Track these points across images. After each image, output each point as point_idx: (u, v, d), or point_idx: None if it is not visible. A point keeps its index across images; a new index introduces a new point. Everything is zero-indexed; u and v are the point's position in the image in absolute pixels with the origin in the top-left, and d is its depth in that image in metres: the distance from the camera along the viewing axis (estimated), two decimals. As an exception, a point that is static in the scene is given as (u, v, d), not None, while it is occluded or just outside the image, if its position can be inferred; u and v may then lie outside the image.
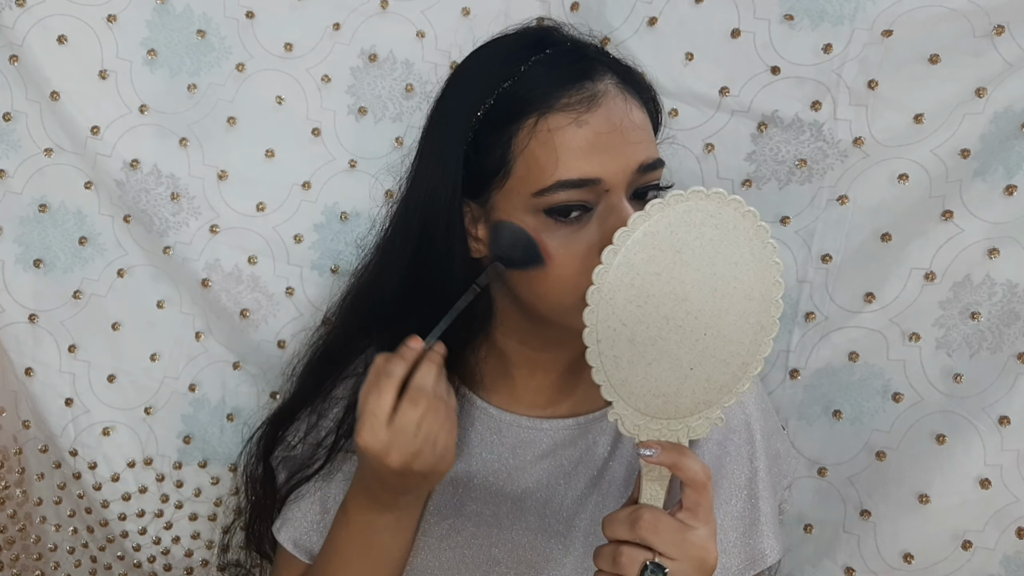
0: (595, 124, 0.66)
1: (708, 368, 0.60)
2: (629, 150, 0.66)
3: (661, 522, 0.58)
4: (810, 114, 0.89)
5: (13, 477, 1.00)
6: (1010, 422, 0.86)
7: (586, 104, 0.66)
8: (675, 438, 0.61)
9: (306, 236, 0.97)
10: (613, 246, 0.58)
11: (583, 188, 0.66)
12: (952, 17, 0.84)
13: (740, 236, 0.59)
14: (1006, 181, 0.85)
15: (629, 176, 0.66)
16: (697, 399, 0.61)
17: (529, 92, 0.67)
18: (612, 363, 0.59)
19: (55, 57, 0.89)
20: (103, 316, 0.96)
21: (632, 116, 0.68)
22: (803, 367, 0.93)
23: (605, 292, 0.59)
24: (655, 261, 0.58)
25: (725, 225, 0.59)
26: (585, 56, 0.70)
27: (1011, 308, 0.86)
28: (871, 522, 0.91)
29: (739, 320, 0.60)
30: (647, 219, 0.58)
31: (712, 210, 0.58)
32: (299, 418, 0.83)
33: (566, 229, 0.66)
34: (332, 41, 0.95)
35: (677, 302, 0.59)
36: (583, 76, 0.68)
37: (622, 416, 0.61)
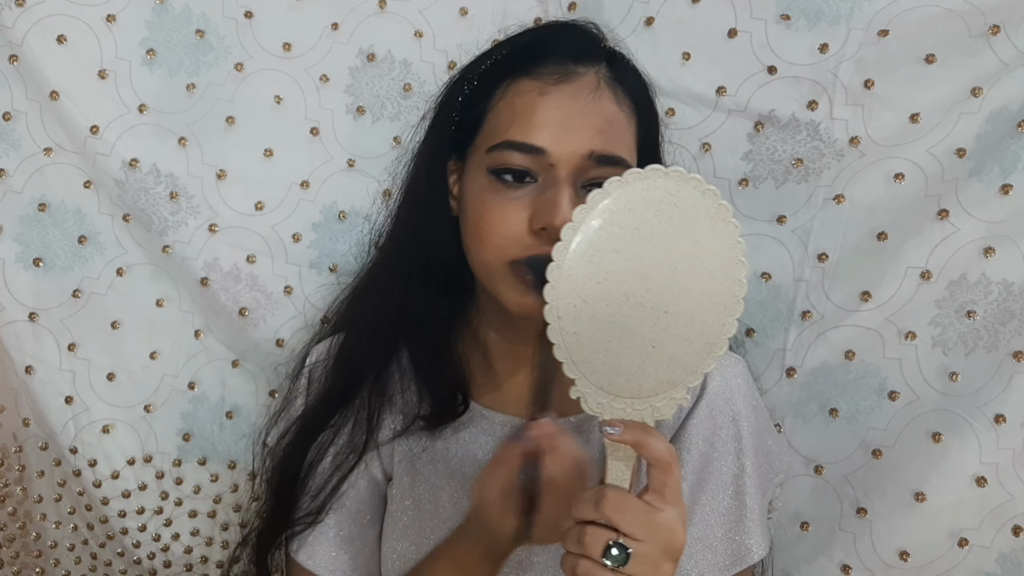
0: (557, 98, 0.68)
1: (671, 346, 0.60)
2: (585, 134, 0.67)
3: (626, 502, 0.58)
4: (806, 113, 0.89)
5: (13, 475, 1.01)
6: (1006, 420, 0.86)
7: (557, 78, 0.68)
8: (640, 418, 0.61)
9: (304, 235, 0.98)
10: (572, 223, 0.59)
11: (527, 154, 0.67)
12: (948, 17, 0.84)
13: (701, 215, 0.59)
14: (1002, 180, 0.85)
15: (577, 160, 0.67)
16: (661, 378, 0.60)
17: (519, 56, 0.71)
18: (574, 340, 0.60)
19: (55, 57, 0.90)
20: (103, 314, 0.97)
21: (602, 105, 0.68)
22: (799, 365, 0.93)
23: (565, 269, 0.59)
24: (614, 238, 0.59)
25: (685, 203, 0.59)
26: (585, 44, 0.72)
27: (1007, 307, 0.87)
28: (867, 520, 0.91)
29: (702, 299, 0.60)
30: (606, 196, 0.59)
31: (672, 188, 0.59)
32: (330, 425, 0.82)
33: (506, 193, 0.69)
34: (330, 41, 0.95)
35: (637, 279, 0.59)
36: (569, 56, 0.70)
37: (585, 394, 0.61)
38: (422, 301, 0.78)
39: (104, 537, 1.03)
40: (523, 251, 0.69)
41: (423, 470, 0.80)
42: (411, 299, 0.78)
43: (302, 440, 0.82)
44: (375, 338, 0.82)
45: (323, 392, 0.84)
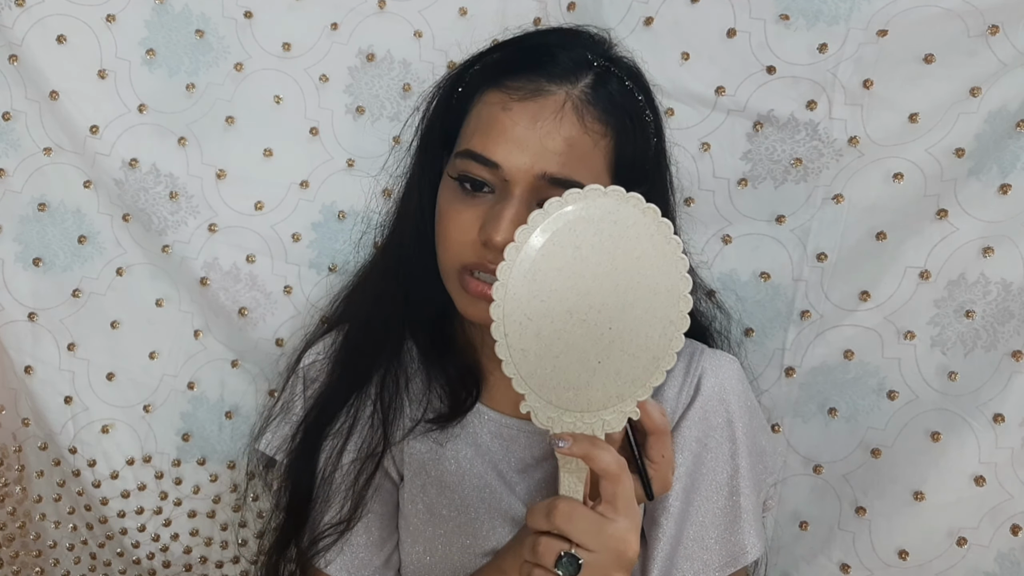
0: (519, 115, 0.68)
1: (616, 361, 0.61)
2: (540, 155, 0.68)
3: (576, 512, 0.60)
4: (805, 113, 0.89)
5: (13, 474, 1.01)
6: (1004, 420, 0.86)
7: (522, 94, 0.69)
8: (590, 431, 0.62)
9: (304, 235, 0.98)
10: (515, 243, 0.60)
11: (482, 166, 0.69)
12: (947, 17, 0.85)
13: (641, 232, 0.60)
14: (1000, 180, 0.86)
15: (531, 179, 0.68)
16: (608, 392, 0.62)
17: (497, 65, 0.72)
18: (520, 356, 0.61)
19: (54, 57, 0.90)
20: (102, 314, 0.97)
21: (562, 128, 0.68)
22: (798, 365, 0.93)
23: (510, 288, 0.60)
24: (555, 256, 0.60)
25: (624, 221, 0.60)
26: (566, 60, 0.71)
27: (1005, 306, 0.87)
28: (866, 519, 0.91)
29: (646, 314, 0.61)
30: (545, 216, 0.60)
31: (611, 207, 0.60)
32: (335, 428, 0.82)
33: (465, 199, 0.71)
34: (330, 41, 0.96)
35: (579, 296, 0.61)
36: (543, 72, 0.70)
37: (535, 408, 0.62)
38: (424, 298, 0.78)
39: (103, 537, 1.03)
40: (472, 258, 0.71)
41: (432, 472, 0.80)
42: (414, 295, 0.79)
43: (309, 445, 0.82)
44: (382, 333, 0.82)
45: (327, 392, 0.83)
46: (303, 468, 0.82)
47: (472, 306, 0.72)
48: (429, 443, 0.80)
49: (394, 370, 0.82)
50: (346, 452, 0.80)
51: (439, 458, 0.80)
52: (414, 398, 0.81)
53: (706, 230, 0.94)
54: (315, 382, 0.85)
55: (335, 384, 0.83)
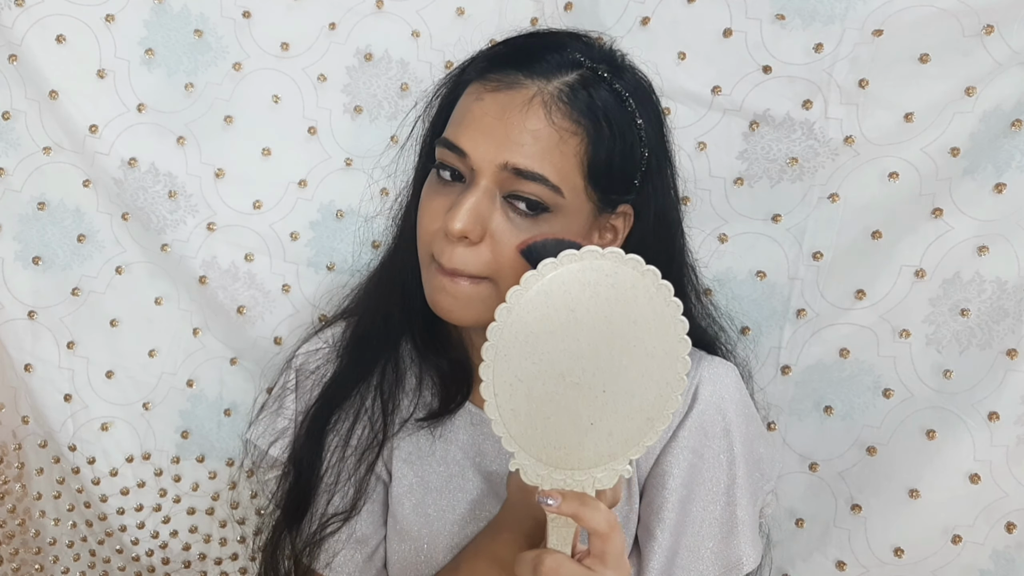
0: (489, 105, 0.69)
1: (609, 423, 0.60)
2: (504, 145, 0.67)
3: (563, 568, 0.59)
4: (801, 113, 0.90)
5: (12, 472, 1.01)
6: (999, 418, 0.86)
7: (495, 86, 0.69)
8: (580, 488, 0.61)
9: (302, 234, 0.98)
10: (507, 304, 0.59)
11: (453, 154, 0.69)
12: (942, 17, 0.85)
13: (639, 295, 0.59)
14: (995, 179, 0.86)
15: (495, 169, 0.68)
16: (600, 452, 0.61)
17: (483, 60, 0.73)
18: (511, 416, 0.60)
19: (54, 56, 0.90)
20: (101, 313, 0.97)
21: (527, 120, 0.67)
22: (794, 363, 0.93)
23: (500, 349, 0.59)
24: (549, 320, 0.59)
25: (622, 284, 0.58)
26: (548, 56, 0.70)
27: (1000, 305, 0.87)
28: (862, 517, 0.92)
29: (641, 377, 0.59)
30: (540, 278, 0.58)
31: (608, 269, 0.58)
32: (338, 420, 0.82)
33: (440, 187, 0.71)
34: (328, 40, 0.96)
35: (573, 360, 0.59)
36: (521, 66, 0.70)
37: (524, 466, 0.61)
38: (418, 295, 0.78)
39: (103, 534, 1.04)
40: (440, 246, 0.70)
41: (420, 472, 0.80)
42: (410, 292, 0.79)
43: (314, 435, 0.82)
44: (384, 327, 0.82)
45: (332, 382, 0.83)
46: (307, 458, 0.82)
47: (433, 296, 0.71)
48: (418, 442, 0.80)
49: (392, 364, 0.82)
50: (350, 443, 0.80)
51: (428, 459, 0.80)
52: (407, 394, 0.81)
53: (702, 229, 0.94)
54: (310, 375, 0.85)
55: (341, 374, 0.83)
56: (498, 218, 0.68)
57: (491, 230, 0.68)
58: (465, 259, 0.69)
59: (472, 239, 0.68)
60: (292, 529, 0.82)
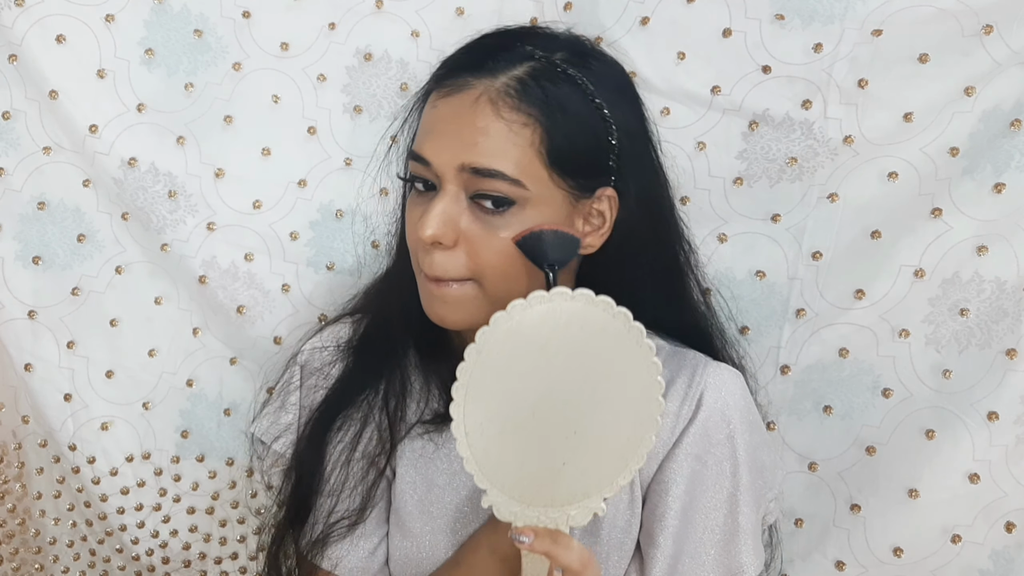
0: (441, 110, 0.70)
1: (582, 463, 0.60)
2: (459, 147, 0.68)
3: None
4: (801, 113, 0.90)
5: (12, 471, 1.01)
6: (998, 417, 0.86)
7: (448, 91, 0.70)
8: (554, 525, 0.61)
9: (302, 233, 0.98)
10: (476, 345, 0.58)
11: (419, 163, 0.71)
12: (941, 17, 0.85)
13: (610, 337, 0.58)
14: (995, 179, 0.86)
15: (454, 171, 0.69)
16: (574, 490, 0.60)
17: (440, 67, 0.74)
18: (482, 454, 0.59)
19: (54, 56, 0.90)
20: (101, 312, 0.97)
21: (476, 119, 0.68)
22: (794, 363, 0.93)
23: (471, 388, 0.58)
24: (518, 360, 0.58)
25: (592, 326, 0.58)
26: (490, 55, 0.71)
27: (999, 305, 0.87)
28: (861, 516, 0.92)
29: (613, 418, 0.59)
30: (508, 320, 0.58)
31: (578, 311, 0.58)
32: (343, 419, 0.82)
33: (416, 200, 0.72)
34: (328, 40, 0.96)
35: (543, 400, 0.59)
36: (467, 68, 0.71)
37: (496, 503, 0.60)
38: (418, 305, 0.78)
39: (103, 533, 1.04)
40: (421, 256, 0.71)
41: (425, 471, 0.80)
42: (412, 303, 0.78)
43: (319, 435, 0.82)
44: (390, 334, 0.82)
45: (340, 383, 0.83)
46: (310, 462, 0.82)
47: (427, 305, 0.72)
48: (425, 442, 0.80)
49: (400, 372, 0.82)
50: (356, 449, 0.80)
51: (431, 456, 0.80)
52: (414, 398, 0.82)
53: (701, 229, 0.94)
54: (315, 373, 0.85)
55: (347, 380, 0.83)
56: (467, 219, 0.69)
57: (463, 232, 0.69)
58: (444, 265, 0.70)
59: (446, 244, 0.69)
60: (295, 530, 0.82)
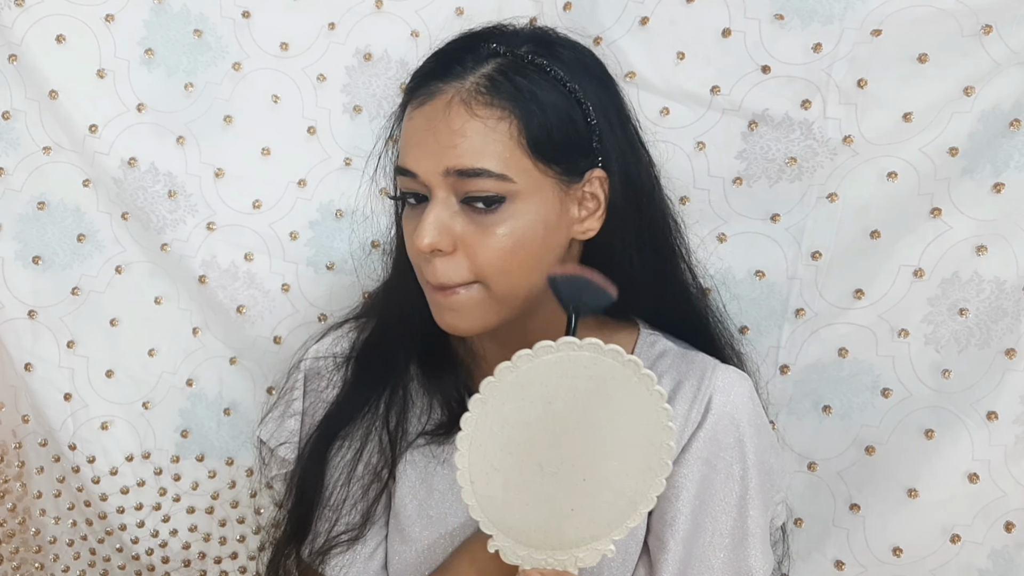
0: (417, 121, 0.70)
1: (591, 508, 0.59)
2: (439, 152, 0.68)
3: None
4: (800, 112, 0.90)
5: (13, 471, 1.01)
6: (998, 417, 0.87)
7: (420, 101, 0.71)
8: (562, 567, 0.61)
9: (302, 233, 0.98)
10: (481, 395, 0.58)
11: (405, 177, 0.71)
12: (941, 17, 0.85)
13: (619, 385, 0.57)
14: (994, 179, 0.86)
15: (440, 177, 0.68)
16: (582, 534, 0.60)
17: (411, 80, 0.74)
18: (488, 502, 0.59)
19: (54, 56, 0.91)
20: (101, 312, 0.97)
21: (450, 121, 0.68)
22: (793, 363, 0.94)
23: (475, 439, 0.58)
24: (524, 411, 0.58)
25: (602, 375, 0.57)
26: (456, 58, 0.71)
27: (999, 304, 0.87)
28: (860, 516, 0.92)
29: (622, 464, 0.59)
30: (514, 370, 0.57)
31: (587, 361, 0.57)
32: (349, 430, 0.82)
33: (410, 215, 0.72)
34: (327, 40, 0.96)
35: (550, 450, 0.58)
36: (435, 76, 0.71)
37: (503, 548, 0.60)
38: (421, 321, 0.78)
39: (103, 533, 1.04)
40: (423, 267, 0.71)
41: (426, 477, 0.79)
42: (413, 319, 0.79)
43: (321, 449, 0.82)
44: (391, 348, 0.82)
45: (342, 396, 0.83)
46: (312, 477, 0.81)
47: (439, 315, 0.72)
48: (426, 450, 0.80)
49: (401, 384, 0.82)
50: (359, 464, 0.80)
51: (434, 465, 0.79)
52: (416, 409, 0.81)
53: (701, 229, 0.94)
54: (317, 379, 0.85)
55: (346, 398, 0.83)
56: (461, 223, 0.69)
57: (459, 236, 0.69)
58: (447, 271, 0.69)
59: (444, 250, 0.69)
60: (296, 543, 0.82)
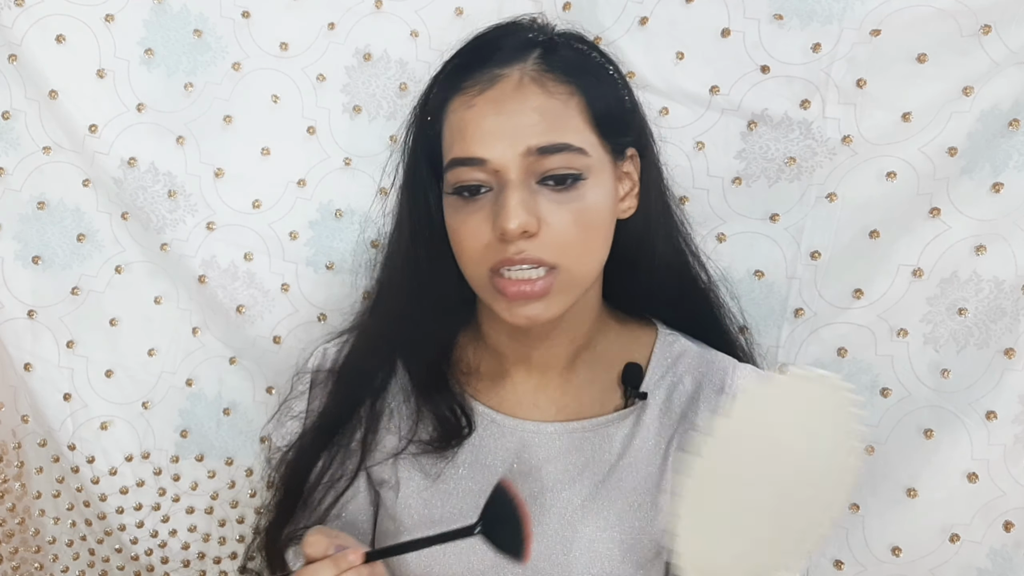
0: (483, 107, 0.69)
1: (783, 540, 0.61)
2: (517, 133, 0.68)
3: None
4: (799, 112, 0.90)
5: (12, 471, 1.01)
6: (997, 417, 0.87)
7: (480, 88, 0.69)
8: None
9: (301, 233, 0.98)
10: (700, 453, 0.58)
11: (471, 167, 0.69)
12: (940, 17, 0.85)
13: (829, 414, 0.59)
14: (993, 179, 0.86)
15: (519, 159, 0.68)
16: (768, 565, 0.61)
17: (449, 78, 0.72)
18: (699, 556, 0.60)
19: (53, 56, 0.91)
20: (101, 312, 0.97)
21: (528, 101, 0.68)
22: (792, 362, 0.94)
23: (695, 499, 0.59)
24: (741, 465, 0.59)
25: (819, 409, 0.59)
26: (509, 45, 0.71)
27: (997, 304, 0.87)
28: (859, 515, 0.92)
29: (813, 491, 0.60)
30: (729, 419, 0.58)
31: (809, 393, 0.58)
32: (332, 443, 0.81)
33: (467, 207, 0.70)
34: (327, 40, 0.96)
35: (764, 497, 0.59)
36: (493, 62, 0.70)
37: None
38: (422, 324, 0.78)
39: (102, 533, 1.04)
40: (495, 257, 0.69)
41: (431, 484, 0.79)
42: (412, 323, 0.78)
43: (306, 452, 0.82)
44: (375, 358, 0.82)
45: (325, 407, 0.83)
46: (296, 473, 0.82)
47: (509, 312, 0.71)
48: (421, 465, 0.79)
49: (384, 395, 0.81)
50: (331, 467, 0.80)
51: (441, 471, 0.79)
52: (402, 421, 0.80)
53: (701, 228, 0.94)
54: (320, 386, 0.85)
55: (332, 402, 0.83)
56: (543, 203, 0.68)
57: (541, 217, 0.68)
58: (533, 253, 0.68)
59: (531, 231, 0.68)
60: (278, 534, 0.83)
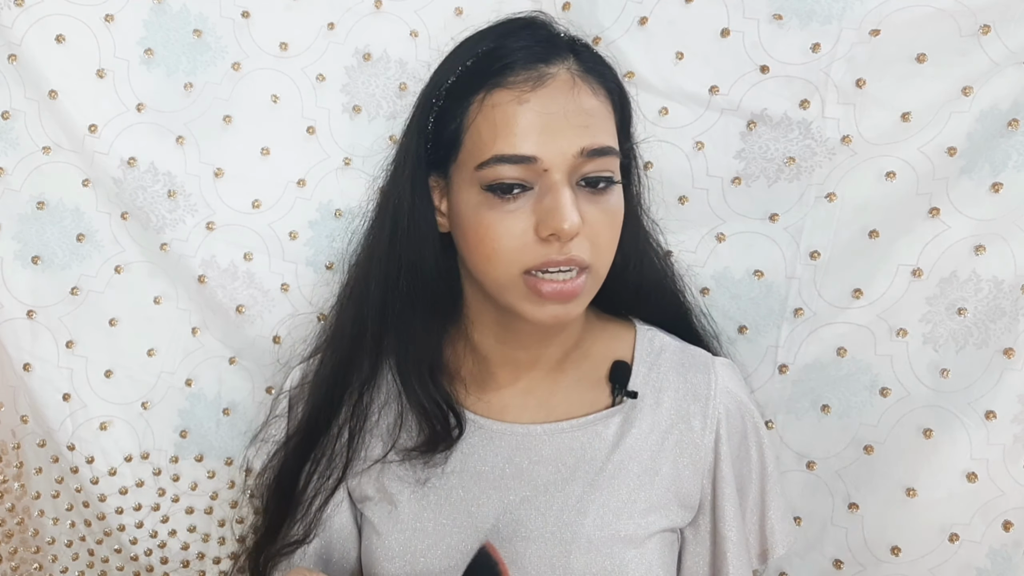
0: (536, 104, 0.68)
1: None
2: (571, 133, 0.68)
3: None
4: (799, 112, 0.90)
5: (11, 471, 1.01)
6: (996, 416, 0.87)
7: (532, 84, 0.68)
8: None
9: (301, 233, 0.98)
10: None
11: (519, 165, 0.68)
12: (939, 16, 0.85)
13: None
14: (992, 179, 0.86)
15: (570, 160, 0.68)
16: None
17: (486, 68, 0.70)
18: None
19: (53, 56, 0.91)
20: (100, 312, 0.97)
21: (581, 101, 0.69)
22: (791, 362, 0.94)
23: None
24: None
25: None
26: (548, 42, 0.72)
27: (997, 304, 0.87)
28: (859, 515, 0.92)
29: None
30: None
31: None
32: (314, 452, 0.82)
33: (503, 206, 0.69)
34: (327, 40, 0.96)
35: None
36: (538, 59, 0.70)
37: None
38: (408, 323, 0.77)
39: (101, 533, 1.04)
40: (535, 258, 0.68)
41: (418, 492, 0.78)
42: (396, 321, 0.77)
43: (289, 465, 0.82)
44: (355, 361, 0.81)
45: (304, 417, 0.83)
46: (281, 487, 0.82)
47: (541, 310, 0.70)
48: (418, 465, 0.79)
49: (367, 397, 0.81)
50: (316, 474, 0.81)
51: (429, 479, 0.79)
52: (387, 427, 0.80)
53: (700, 228, 0.94)
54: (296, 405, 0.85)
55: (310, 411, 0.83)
56: (583, 204, 0.69)
57: (583, 217, 0.68)
58: (580, 252, 0.69)
59: (580, 233, 0.68)
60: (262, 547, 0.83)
